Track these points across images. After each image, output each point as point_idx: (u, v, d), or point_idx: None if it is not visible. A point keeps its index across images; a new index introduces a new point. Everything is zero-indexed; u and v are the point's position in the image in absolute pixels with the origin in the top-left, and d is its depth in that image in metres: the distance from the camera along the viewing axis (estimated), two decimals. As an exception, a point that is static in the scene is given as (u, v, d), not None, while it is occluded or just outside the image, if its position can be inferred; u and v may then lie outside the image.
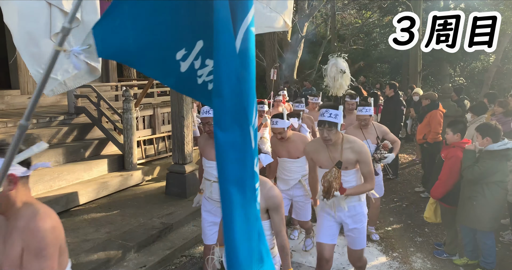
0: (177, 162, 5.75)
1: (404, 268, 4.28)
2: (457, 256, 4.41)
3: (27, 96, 7.63)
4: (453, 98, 7.87)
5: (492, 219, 3.89)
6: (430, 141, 6.48)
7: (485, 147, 3.88)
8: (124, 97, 6.10)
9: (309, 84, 13.23)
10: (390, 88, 7.59)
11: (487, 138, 3.86)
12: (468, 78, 17.47)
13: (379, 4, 18.00)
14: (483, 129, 3.93)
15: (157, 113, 7.63)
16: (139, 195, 5.74)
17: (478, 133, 3.96)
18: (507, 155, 3.82)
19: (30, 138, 5.75)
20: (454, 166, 4.11)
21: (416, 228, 5.28)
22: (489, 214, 3.84)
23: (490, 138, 3.84)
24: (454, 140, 4.20)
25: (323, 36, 21.15)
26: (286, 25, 4.88)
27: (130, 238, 4.30)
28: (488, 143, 3.85)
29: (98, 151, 6.43)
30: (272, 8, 3.90)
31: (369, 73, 19.11)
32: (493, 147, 3.81)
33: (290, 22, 4.31)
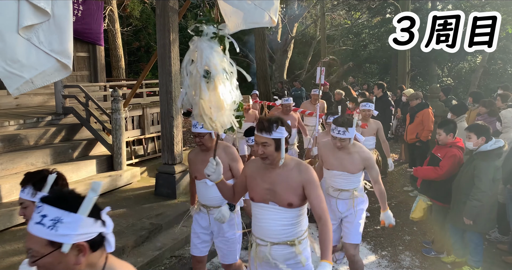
0: (167, 163, 5.73)
1: (393, 266, 4.31)
2: (445, 254, 4.46)
3: (14, 96, 7.53)
4: (441, 98, 7.95)
5: (486, 221, 3.89)
6: (424, 139, 6.54)
7: (478, 147, 3.88)
8: (112, 97, 6.06)
9: (299, 84, 13.27)
10: (378, 88, 7.65)
11: (483, 137, 3.87)
12: (455, 78, 17.69)
13: (368, 5, 18.12)
14: (477, 129, 3.92)
15: (146, 113, 7.60)
16: (128, 195, 5.70)
17: (472, 134, 3.93)
18: (499, 153, 3.84)
19: (17, 138, 5.68)
20: (453, 164, 4.11)
21: (405, 227, 5.32)
22: (483, 215, 3.85)
23: (485, 137, 3.87)
24: (447, 140, 4.20)
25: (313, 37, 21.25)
26: (272, 21, 4.91)
27: (119, 239, 4.26)
28: (482, 142, 3.86)
29: (87, 152, 6.37)
30: (257, 4, 3.88)
31: (358, 73, 19.24)
32: (486, 147, 3.81)
33: (276, 18, 4.35)
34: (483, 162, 3.80)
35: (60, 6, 2.96)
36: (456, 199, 4.02)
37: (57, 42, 2.95)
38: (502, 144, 3.81)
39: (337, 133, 3.31)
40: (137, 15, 16.73)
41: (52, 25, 2.93)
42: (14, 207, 4.44)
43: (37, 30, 2.86)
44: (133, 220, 4.77)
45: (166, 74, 5.50)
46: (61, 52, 2.98)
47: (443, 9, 16.85)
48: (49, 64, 2.94)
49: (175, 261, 4.24)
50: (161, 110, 5.71)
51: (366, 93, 9.07)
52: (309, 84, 17.49)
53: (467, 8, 14.41)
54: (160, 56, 5.51)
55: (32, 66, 2.75)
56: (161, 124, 5.78)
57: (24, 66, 2.76)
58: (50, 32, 2.92)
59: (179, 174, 5.66)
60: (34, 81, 2.87)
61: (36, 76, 2.81)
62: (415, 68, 16.11)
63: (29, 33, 2.82)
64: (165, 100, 5.58)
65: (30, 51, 2.82)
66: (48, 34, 2.91)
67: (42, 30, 2.89)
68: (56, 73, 3.01)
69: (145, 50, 21.87)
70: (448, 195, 4.14)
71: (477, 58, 16.33)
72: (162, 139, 5.78)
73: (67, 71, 3.09)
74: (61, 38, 2.98)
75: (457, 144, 4.19)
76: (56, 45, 2.95)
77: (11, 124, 6.06)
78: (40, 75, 2.89)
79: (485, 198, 3.76)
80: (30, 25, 2.80)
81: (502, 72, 16.03)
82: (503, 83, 9.61)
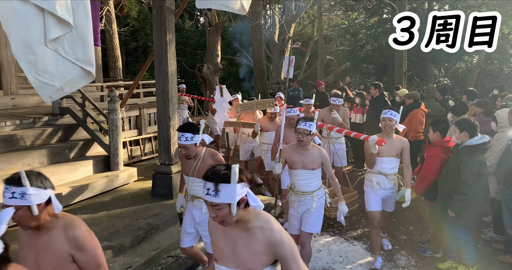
0: (163, 163, 5.73)
1: (389, 265, 4.33)
2: (440, 253, 4.48)
3: (10, 97, 7.52)
4: (438, 98, 7.98)
5: (471, 215, 3.93)
6: (411, 139, 6.58)
7: (462, 141, 3.96)
8: (109, 98, 6.05)
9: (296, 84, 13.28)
10: (375, 88, 7.66)
11: (464, 132, 3.94)
12: (452, 78, 17.75)
13: (365, 5, 18.16)
14: (461, 124, 4.02)
15: (143, 114, 7.60)
16: (125, 196, 5.70)
17: (456, 127, 4.03)
18: (485, 148, 3.90)
19: (13, 139, 5.67)
20: (434, 165, 4.18)
21: (401, 226, 5.35)
22: (469, 210, 3.88)
23: (467, 132, 3.92)
24: (434, 138, 4.27)
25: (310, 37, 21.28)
26: (243, 9, 4.99)
27: (116, 239, 4.27)
28: (464, 137, 3.94)
29: (83, 152, 6.37)
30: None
31: (355, 73, 19.26)
32: (472, 142, 3.88)
33: (247, 7, 4.47)
34: (468, 157, 3.86)
35: (81, 17, 3.25)
36: (443, 193, 4.07)
37: (81, 51, 3.23)
38: (488, 139, 3.89)
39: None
40: (134, 15, 16.73)
41: (75, 35, 3.18)
42: (11, 207, 4.43)
43: (62, 41, 3.13)
44: (129, 220, 4.77)
45: (162, 74, 5.51)
46: (85, 61, 3.26)
47: (440, 9, 16.90)
48: (75, 72, 3.20)
49: (172, 261, 4.25)
50: (157, 111, 5.72)
51: (363, 93, 9.09)
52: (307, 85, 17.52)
53: (463, 8, 14.47)
54: (156, 56, 5.52)
55: (61, 75, 3.04)
56: (157, 124, 5.78)
57: (54, 76, 3.04)
58: (73, 42, 3.18)
59: (176, 174, 5.66)
60: (63, 88, 3.17)
61: (65, 84, 3.11)
62: (412, 68, 16.16)
63: (56, 44, 3.09)
64: (162, 100, 5.58)
65: (58, 62, 3.10)
66: (72, 44, 3.17)
67: (66, 41, 3.14)
68: (82, 80, 3.29)
69: (143, 51, 21.84)
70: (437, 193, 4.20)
71: (473, 59, 16.39)
72: (158, 139, 5.79)
73: (91, 77, 3.36)
74: (84, 47, 3.25)
75: (444, 143, 4.23)
76: (80, 54, 3.22)
77: (8, 124, 6.05)
78: (68, 82, 3.17)
79: (470, 192, 3.82)
80: (56, 37, 3.07)
81: (499, 72, 16.10)
82: (499, 83, 9.66)
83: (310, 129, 3.65)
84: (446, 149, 4.22)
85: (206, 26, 15.02)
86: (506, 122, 4.83)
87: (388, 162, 4.16)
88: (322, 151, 3.81)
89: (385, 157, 4.14)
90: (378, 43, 17.42)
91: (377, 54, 17.58)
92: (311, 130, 3.66)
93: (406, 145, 4.17)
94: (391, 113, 4.13)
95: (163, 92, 5.54)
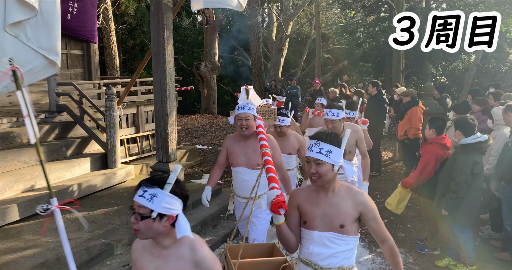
0: (161, 160, 5.71)
1: (387, 263, 4.33)
2: (438, 251, 4.49)
3: (7, 94, 7.47)
4: (435, 96, 8.00)
5: (463, 215, 3.93)
6: (411, 137, 6.60)
7: (458, 140, 3.97)
8: (106, 95, 6.03)
9: (295, 82, 13.29)
10: (373, 87, 7.67)
11: (458, 131, 3.96)
12: (449, 77, 17.77)
13: (362, 4, 18.16)
14: (458, 123, 4.03)
15: (141, 111, 7.57)
16: (122, 193, 5.68)
17: (453, 127, 4.07)
18: (480, 148, 3.89)
19: (10, 136, 5.64)
20: (429, 162, 4.18)
21: (399, 224, 5.35)
22: (462, 209, 3.89)
23: (460, 131, 3.93)
24: (429, 135, 4.27)
25: (308, 35, 21.28)
26: (241, 6, 4.91)
27: (113, 236, 4.25)
28: (459, 136, 3.94)
29: (81, 150, 6.34)
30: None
31: (353, 72, 19.27)
32: (466, 141, 3.88)
33: (244, 4, 4.44)
34: (462, 155, 3.88)
35: (48, 1, 2.88)
36: (440, 192, 4.08)
37: (45, 38, 2.90)
38: (485, 139, 3.87)
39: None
40: (131, 13, 16.65)
41: (39, 21, 2.86)
42: (7, 205, 4.41)
43: (25, 27, 2.81)
44: (127, 218, 4.75)
45: (160, 72, 5.49)
46: (49, 49, 2.93)
47: (437, 8, 16.92)
48: (37, 61, 2.89)
49: (170, 258, 4.24)
50: (155, 108, 5.70)
51: (362, 91, 9.10)
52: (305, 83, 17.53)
53: (461, 7, 14.48)
54: (154, 53, 5.49)
55: (20, 64, 2.63)
56: (155, 122, 5.76)
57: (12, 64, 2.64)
58: (37, 28, 2.86)
59: (174, 172, 5.64)
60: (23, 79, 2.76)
61: (24, 74, 2.70)
62: (409, 66, 16.16)
63: (17, 30, 2.77)
64: (159, 98, 5.57)
65: (18, 49, 2.78)
66: (36, 31, 2.85)
67: (29, 26, 2.82)
68: (44, 70, 2.96)
69: (140, 48, 21.79)
70: (434, 191, 4.20)
71: (471, 57, 16.41)
72: (156, 137, 5.77)
73: (55, 68, 3.03)
74: (49, 34, 2.92)
75: (439, 140, 4.23)
76: (44, 42, 2.90)
77: (4, 122, 6.02)
78: (28, 72, 2.82)
79: (461, 191, 3.82)
80: (17, 22, 2.75)
81: (496, 71, 16.13)
82: (496, 81, 9.68)
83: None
84: (441, 146, 4.22)
85: (204, 24, 15.00)
86: (502, 119, 4.83)
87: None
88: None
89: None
90: (376, 41, 17.42)
91: (375, 52, 17.58)
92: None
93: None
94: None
95: (161, 89, 5.53)
